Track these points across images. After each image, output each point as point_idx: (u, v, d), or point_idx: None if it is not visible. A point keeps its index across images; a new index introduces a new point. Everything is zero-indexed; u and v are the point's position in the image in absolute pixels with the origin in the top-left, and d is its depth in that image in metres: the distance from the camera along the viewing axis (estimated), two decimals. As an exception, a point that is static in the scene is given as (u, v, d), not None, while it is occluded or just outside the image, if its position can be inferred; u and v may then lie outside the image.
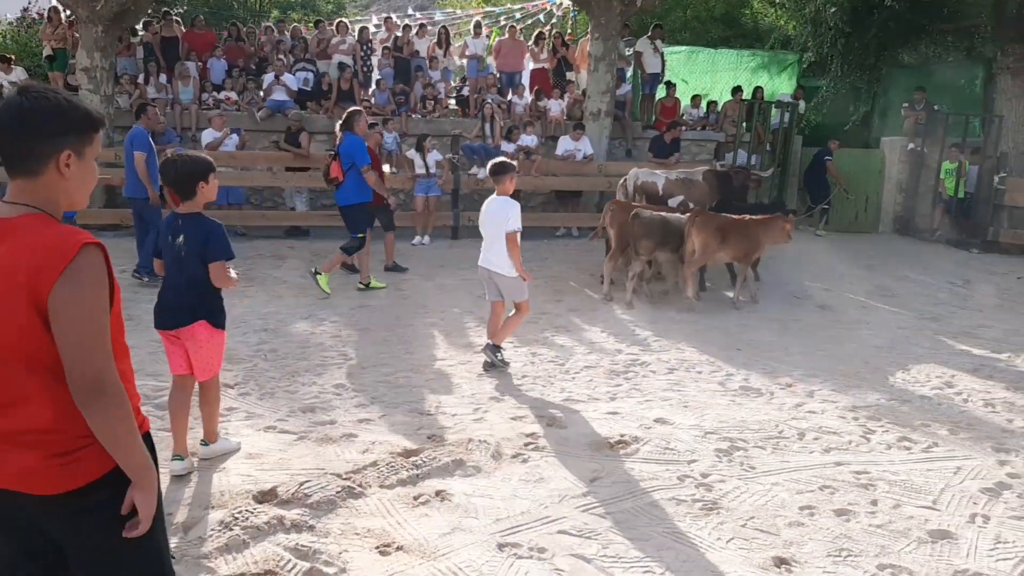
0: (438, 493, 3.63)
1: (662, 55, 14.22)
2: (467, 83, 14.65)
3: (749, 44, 18.11)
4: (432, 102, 13.72)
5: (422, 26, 14.66)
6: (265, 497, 3.53)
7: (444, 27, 14.90)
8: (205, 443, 4.07)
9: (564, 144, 12.61)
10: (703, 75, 15.28)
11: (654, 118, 14.12)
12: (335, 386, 5.27)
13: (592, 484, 3.82)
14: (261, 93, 12.94)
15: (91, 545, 1.83)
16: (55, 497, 1.77)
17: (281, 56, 13.84)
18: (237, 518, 3.30)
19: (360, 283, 8.42)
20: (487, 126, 12.51)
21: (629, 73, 14.33)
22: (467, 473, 3.89)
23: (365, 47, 14.11)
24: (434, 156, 11.71)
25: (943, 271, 10.45)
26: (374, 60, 14.24)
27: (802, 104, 14.09)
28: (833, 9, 14.13)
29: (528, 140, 12.36)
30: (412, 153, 11.69)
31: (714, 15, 24.11)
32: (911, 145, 13.20)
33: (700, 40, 19.20)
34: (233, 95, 13.02)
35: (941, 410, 5.13)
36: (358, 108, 8.74)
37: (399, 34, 14.54)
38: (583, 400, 5.13)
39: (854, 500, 3.75)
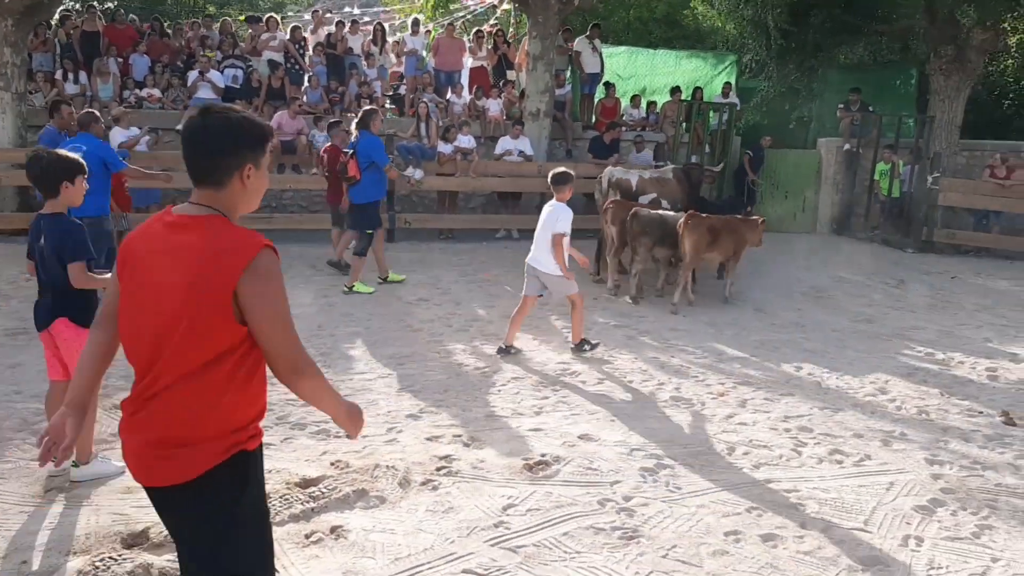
0: (333, 530, 3.30)
1: (600, 55, 14.06)
2: (404, 81, 14.29)
3: (691, 46, 18.11)
4: (367, 100, 13.32)
5: (354, 22, 14.22)
6: (135, 540, 3.15)
7: (380, 24, 14.48)
8: (76, 464, 3.69)
9: (503, 143, 12.34)
10: (643, 76, 15.17)
11: (594, 119, 13.95)
12: (240, 405, 4.89)
13: (505, 513, 3.53)
14: (187, 91, 12.38)
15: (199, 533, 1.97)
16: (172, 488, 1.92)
17: (206, 52, 13.26)
18: (98, 567, 2.92)
19: (379, 277, 8.62)
20: (423, 126, 12.15)
21: (569, 73, 14.15)
22: (369, 504, 3.56)
23: (298, 44, 13.62)
24: (367, 156, 11.31)
25: (878, 271, 10.47)
26: (309, 58, 13.76)
27: (733, 96, 14.06)
28: (773, 11, 14.14)
29: (465, 140, 12.04)
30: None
31: (656, 16, 24.20)
32: (846, 146, 13.28)
33: (642, 41, 19.14)
34: (156, 92, 12.42)
35: (874, 419, 4.98)
36: (373, 108, 8.96)
37: (332, 30, 14.09)
38: (506, 415, 4.84)
39: (782, 523, 3.53)
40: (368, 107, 9.00)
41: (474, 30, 14.54)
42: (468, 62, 14.24)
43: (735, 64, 14.93)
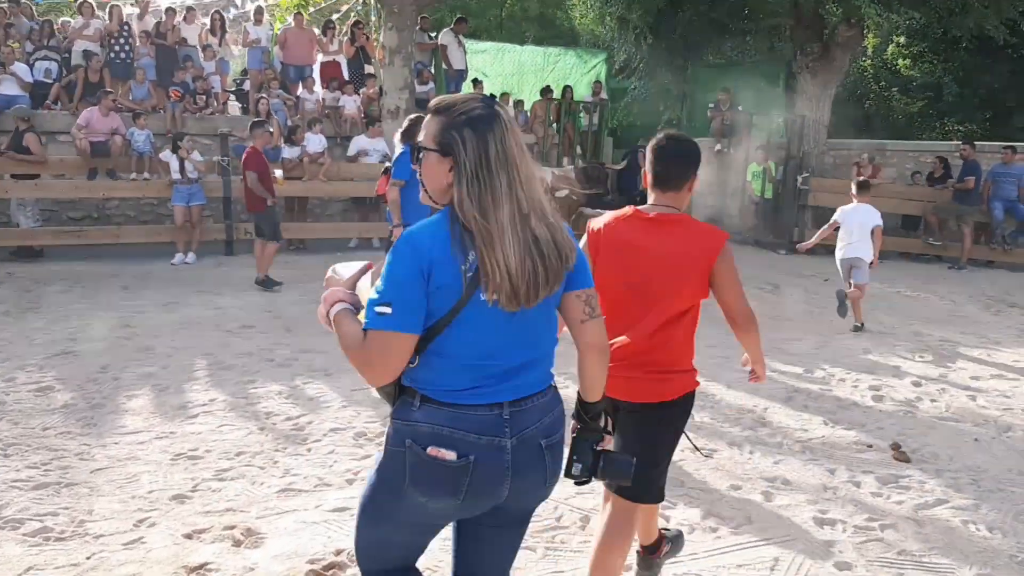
0: None
1: (465, 50, 13.18)
2: (248, 76, 12.93)
3: (565, 45, 17.52)
4: (204, 96, 11.89)
5: (190, 9, 12.72)
6: None
7: (218, 12, 13.03)
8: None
9: (357, 143, 11.23)
10: (510, 74, 14.39)
11: (461, 117, 13.03)
12: (-58, 494, 3.62)
13: (263, 659, 2.49)
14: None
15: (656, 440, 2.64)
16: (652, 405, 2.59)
17: (10, 43, 11.48)
18: None
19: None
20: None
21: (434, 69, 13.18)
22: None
23: (124, 34, 12.00)
24: (195, 158, 9.96)
25: (752, 276, 10.00)
26: (136, 49, 12.16)
27: (604, 94, 13.52)
28: (639, 12, 13.64)
29: (315, 141, 10.85)
30: (167, 155, 9.87)
31: (529, 15, 23.61)
32: (717, 147, 12.94)
33: (515, 41, 18.45)
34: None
35: (753, 463, 4.24)
36: (421, 116, 7.11)
37: (162, 18, 12.54)
38: (307, 488, 3.79)
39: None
40: (415, 115, 7.52)
41: (324, 21, 13.30)
42: (320, 56, 13.03)
43: (605, 62, 14.39)
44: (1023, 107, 15.62)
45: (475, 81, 13.05)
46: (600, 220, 2.65)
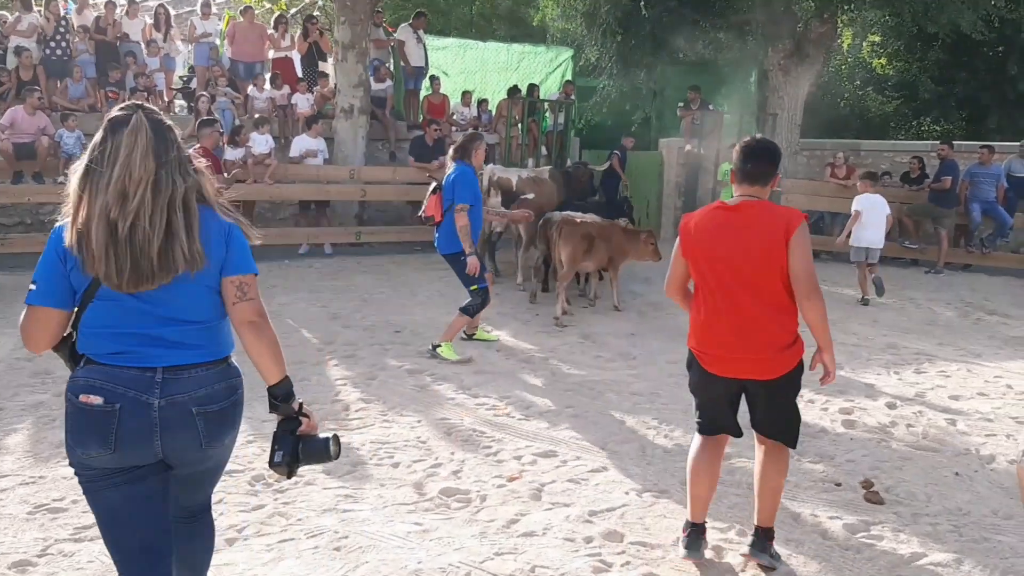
0: None
1: (424, 47, 12.60)
2: (196, 73, 12.29)
3: (533, 42, 16.96)
4: (146, 94, 11.24)
5: (132, 3, 12.05)
6: None
7: (163, 6, 12.35)
8: None
9: (299, 143, 10.62)
10: (473, 71, 13.82)
11: (421, 117, 12.47)
12: None
13: None
14: None
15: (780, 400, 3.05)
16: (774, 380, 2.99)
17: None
18: None
19: (433, 344, 6.22)
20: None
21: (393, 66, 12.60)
22: None
23: (60, 28, 11.31)
24: (129, 162, 9.29)
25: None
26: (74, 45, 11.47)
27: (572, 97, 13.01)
28: (606, 8, 13.11)
29: (261, 142, 10.22)
30: (98, 158, 9.20)
31: (499, 12, 23.07)
32: (688, 146, 12.46)
33: (486, 39, 17.89)
34: None
35: (713, 505, 3.71)
36: (478, 133, 6.66)
37: (101, 13, 11.86)
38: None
39: None
40: (471, 132, 7.02)
41: (275, 16, 12.67)
42: (272, 52, 12.40)
43: (571, 60, 13.87)
44: (1000, 106, 15.28)
45: (432, 78, 12.47)
46: (692, 216, 3.07)
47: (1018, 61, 14.69)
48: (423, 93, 12.68)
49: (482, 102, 12.92)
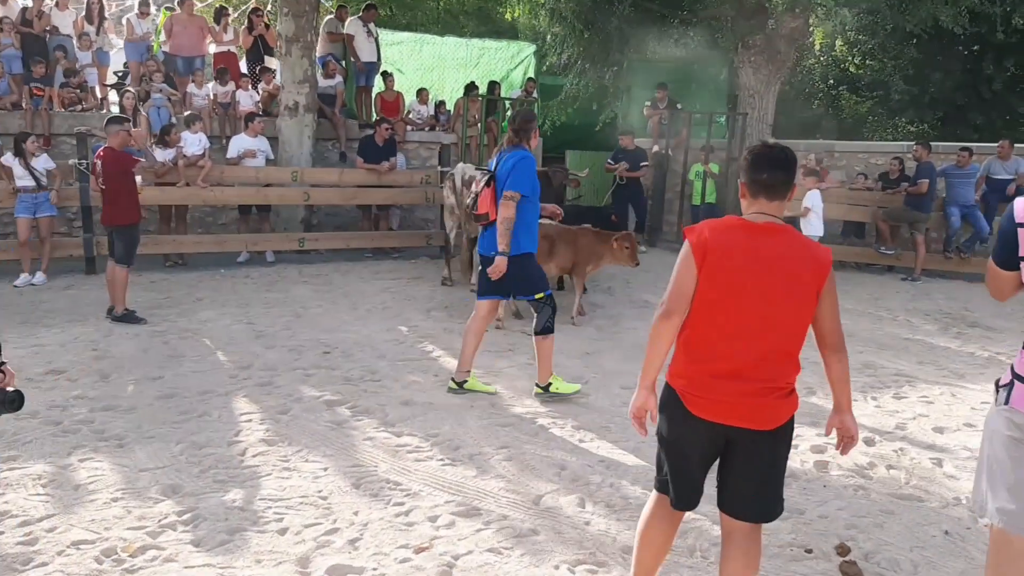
0: None
1: (377, 41, 11.90)
2: (130, 68, 11.49)
3: (497, 38, 16.30)
4: (77, 91, 10.47)
5: (62, -7, 11.23)
6: None
7: (97, -3, 11.53)
8: None
9: (237, 143, 9.89)
10: (430, 68, 13.13)
11: (374, 115, 11.76)
12: None
13: None
14: None
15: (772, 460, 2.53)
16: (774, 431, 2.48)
17: None
18: None
19: (538, 385, 5.27)
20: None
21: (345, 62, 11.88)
22: None
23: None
24: (43, 162, 8.54)
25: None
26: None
27: (536, 93, 12.37)
28: (571, 3, 12.48)
29: (193, 142, 9.46)
30: (9, 159, 8.44)
31: (467, 9, 22.41)
32: (655, 147, 11.86)
33: (445, 35, 17.23)
34: None
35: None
36: (533, 112, 5.41)
37: (28, 4, 11.03)
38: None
39: None
40: (526, 111, 5.65)
41: (215, 8, 11.89)
42: (213, 46, 11.64)
43: (534, 56, 13.22)
44: (976, 106, 14.86)
45: (385, 75, 11.76)
46: (704, 227, 2.57)
47: (993, 60, 14.28)
48: (376, 90, 11.98)
49: (440, 104, 12.23)
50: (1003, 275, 2.26)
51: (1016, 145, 10.45)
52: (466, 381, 5.31)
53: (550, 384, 5.20)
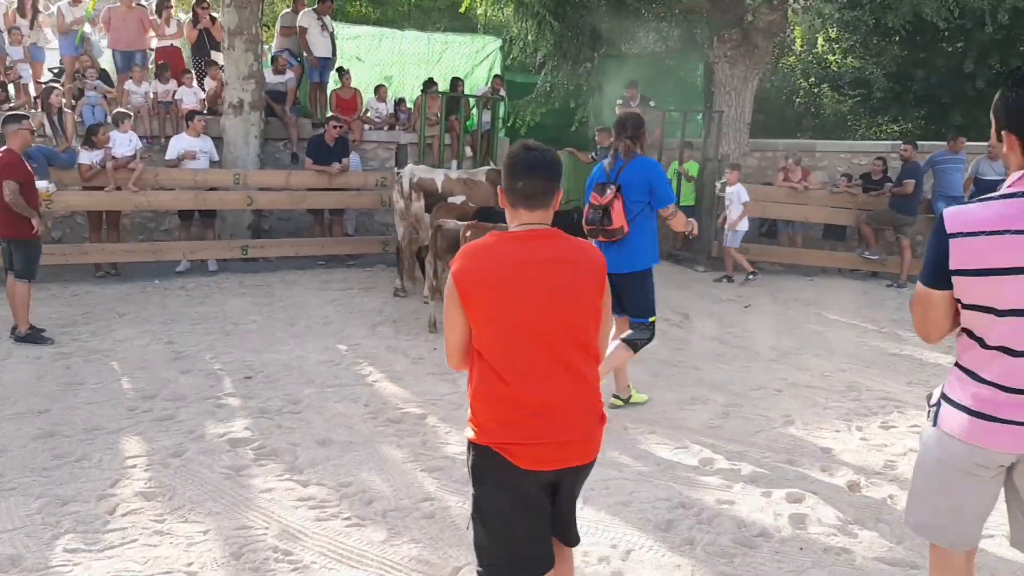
0: None
1: (332, 35, 11.19)
2: (64, 64, 10.73)
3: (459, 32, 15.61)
4: (9, 88, 9.74)
5: (-13, -16, 10.46)
6: None
7: (29, -13, 10.75)
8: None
9: (177, 144, 9.16)
10: (390, 63, 12.42)
11: (329, 113, 11.05)
12: None
13: None
14: None
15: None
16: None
17: None
18: None
19: (618, 396, 5.13)
20: (55, 121, 8.73)
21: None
22: None
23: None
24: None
25: (662, 300, 8.28)
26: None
27: (503, 91, 11.72)
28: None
29: (123, 141, 8.72)
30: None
31: (439, 5, 21.76)
32: (627, 146, 11.21)
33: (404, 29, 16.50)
34: None
35: None
36: (640, 116, 4.88)
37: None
38: None
39: None
40: (633, 111, 5.36)
41: (155, 1, 11.13)
42: (155, 41, 10.89)
43: (499, 51, 12.56)
44: (960, 104, 14.35)
45: (341, 71, 11.06)
46: (466, 252, 2.25)
47: (977, 57, 13.77)
48: (331, 87, 11.27)
49: (400, 102, 11.54)
50: (934, 298, 2.09)
51: (1005, 144, 9.89)
52: (630, 396, 5.16)
53: (628, 398, 5.13)
